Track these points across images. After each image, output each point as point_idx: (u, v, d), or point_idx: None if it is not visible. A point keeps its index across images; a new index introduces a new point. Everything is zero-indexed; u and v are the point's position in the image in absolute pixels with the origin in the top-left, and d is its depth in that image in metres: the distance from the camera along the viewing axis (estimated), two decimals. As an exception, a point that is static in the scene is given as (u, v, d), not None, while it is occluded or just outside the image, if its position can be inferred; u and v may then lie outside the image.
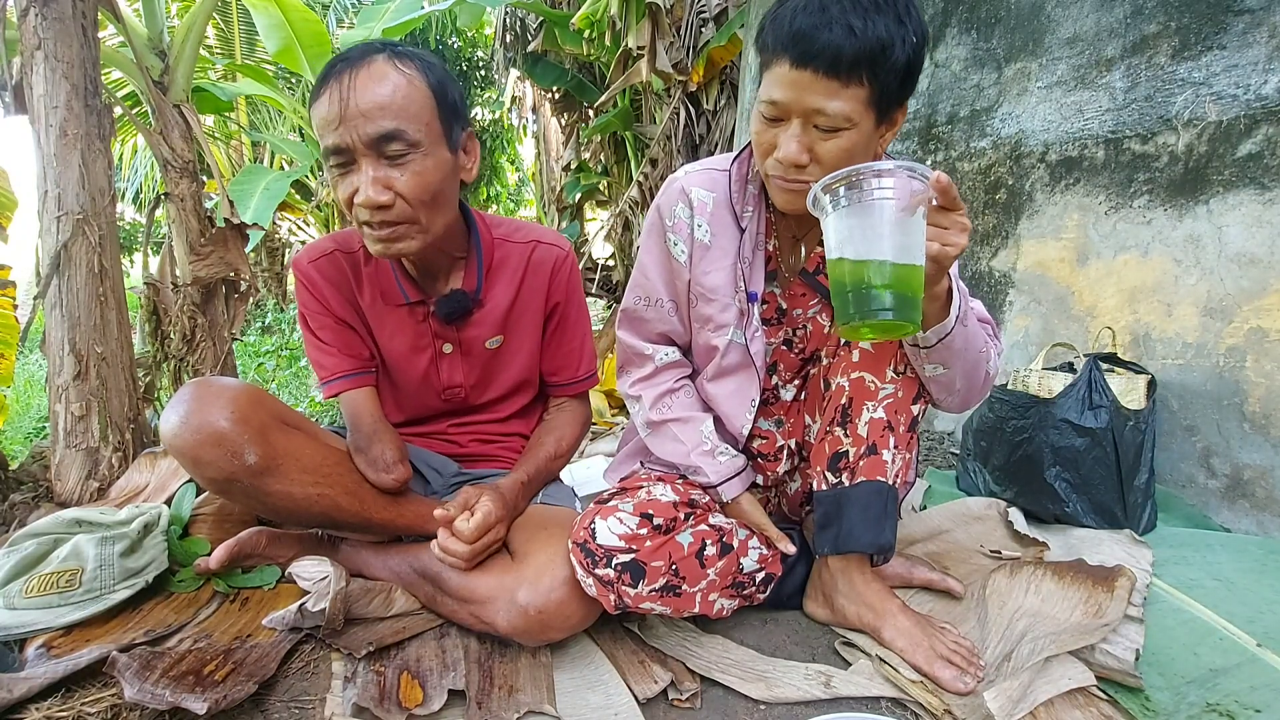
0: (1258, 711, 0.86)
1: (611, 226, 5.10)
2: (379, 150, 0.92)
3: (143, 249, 2.40)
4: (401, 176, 0.94)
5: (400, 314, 1.13)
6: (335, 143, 0.92)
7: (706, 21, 4.04)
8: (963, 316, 0.88)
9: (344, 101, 0.90)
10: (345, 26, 7.20)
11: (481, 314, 1.16)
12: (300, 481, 0.96)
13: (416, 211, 0.97)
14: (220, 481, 0.92)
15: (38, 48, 1.40)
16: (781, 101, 0.87)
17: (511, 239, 1.18)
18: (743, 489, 1.08)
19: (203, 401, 0.91)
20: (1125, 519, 1.39)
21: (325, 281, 1.11)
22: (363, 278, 1.12)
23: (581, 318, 1.26)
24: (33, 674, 0.85)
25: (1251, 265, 1.45)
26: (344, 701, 0.86)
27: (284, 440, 0.95)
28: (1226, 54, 1.49)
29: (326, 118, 0.92)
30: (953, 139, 2.14)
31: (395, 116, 0.92)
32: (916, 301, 0.76)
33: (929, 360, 0.93)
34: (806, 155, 0.88)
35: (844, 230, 0.76)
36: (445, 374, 1.18)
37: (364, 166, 0.93)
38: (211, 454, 0.90)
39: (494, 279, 1.16)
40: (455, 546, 0.97)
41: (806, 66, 0.83)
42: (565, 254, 1.20)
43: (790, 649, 1.04)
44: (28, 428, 2.75)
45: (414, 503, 1.08)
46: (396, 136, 0.92)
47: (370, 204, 0.92)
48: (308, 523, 1.04)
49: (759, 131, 0.92)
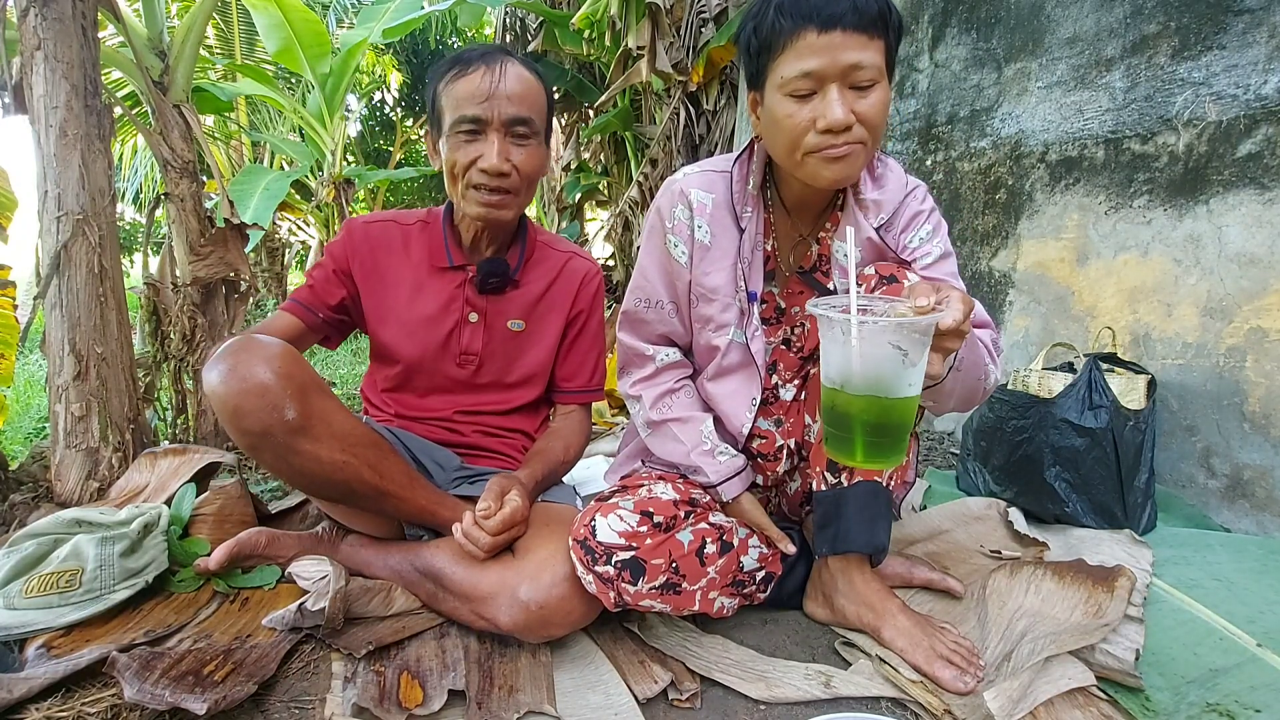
0: (1258, 711, 0.86)
1: (611, 226, 5.10)
2: (509, 129, 1.11)
3: (143, 249, 2.40)
4: (521, 153, 1.13)
5: (439, 278, 1.24)
6: (476, 113, 1.08)
7: (706, 21, 4.04)
8: (958, 363, 0.87)
9: (495, 83, 1.08)
10: (345, 26, 7.20)
11: (513, 294, 1.27)
12: (329, 445, 0.97)
13: (522, 184, 1.15)
14: (256, 434, 0.93)
15: (38, 48, 1.40)
16: (816, 68, 0.87)
17: (552, 246, 1.33)
18: (743, 489, 1.08)
19: (249, 354, 0.93)
20: (1125, 519, 1.39)
21: (368, 242, 1.24)
22: (411, 244, 1.26)
23: (600, 334, 1.36)
24: (33, 674, 0.85)
25: (1251, 265, 1.45)
26: (344, 701, 0.86)
27: (320, 402, 0.97)
28: (1226, 54, 1.49)
29: (474, 93, 1.08)
30: (953, 139, 2.14)
31: (530, 107, 1.12)
32: (905, 434, 0.76)
33: (921, 400, 0.93)
34: (852, 115, 0.88)
35: (845, 362, 0.73)
36: (466, 339, 1.25)
37: (493, 138, 1.10)
38: (253, 404, 0.91)
39: (531, 269, 1.29)
40: (479, 535, 0.98)
41: (835, 27, 0.85)
42: (596, 271, 1.34)
43: (790, 649, 1.04)
44: (28, 428, 2.75)
45: (427, 489, 1.09)
46: (526, 122, 1.11)
47: (495, 169, 1.10)
48: (327, 492, 1.04)
49: (790, 114, 0.91)
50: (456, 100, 1.09)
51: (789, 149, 0.93)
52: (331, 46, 4.86)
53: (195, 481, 1.33)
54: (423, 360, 1.24)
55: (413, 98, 8.56)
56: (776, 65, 0.91)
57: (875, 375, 0.72)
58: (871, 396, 0.72)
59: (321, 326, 1.25)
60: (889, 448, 0.75)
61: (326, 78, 4.94)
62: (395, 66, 8.88)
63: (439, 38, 7.89)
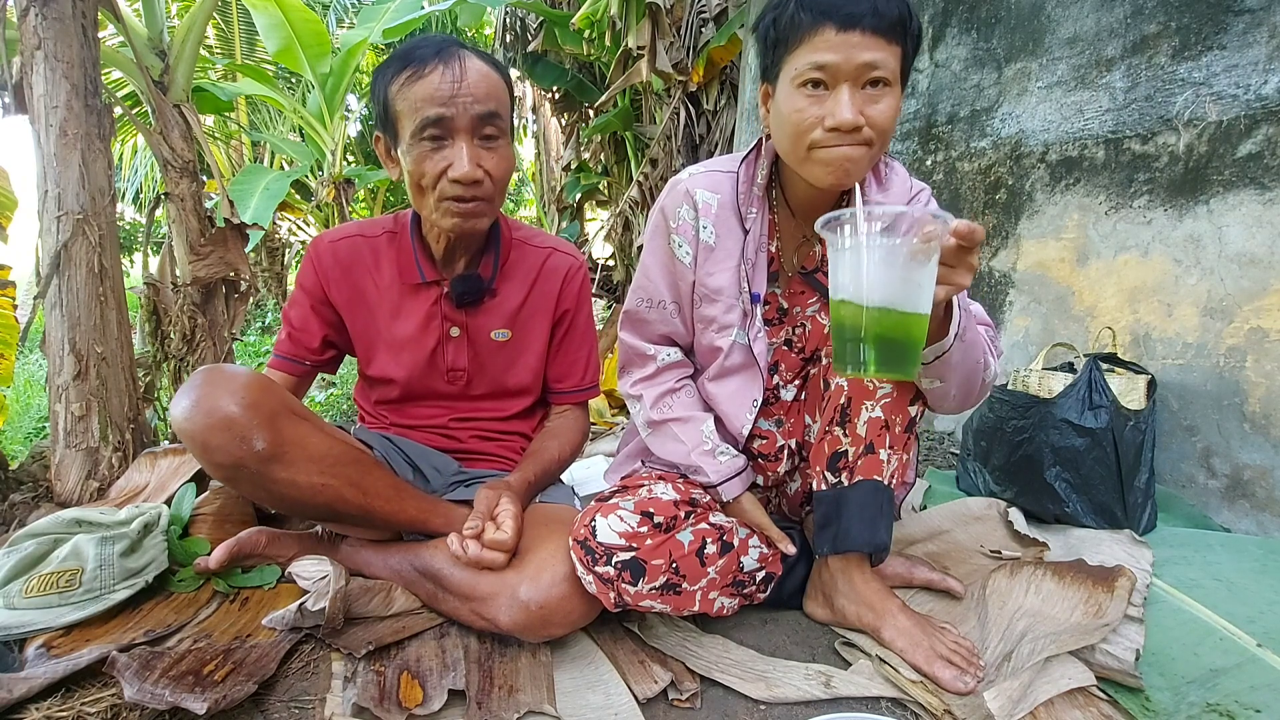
0: (1258, 711, 0.86)
1: (611, 226, 5.10)
2: (477, 130, 1.02)
3: (143, 249, 2.40)
4: (491, 157, 1.04)
5: (414, 295, 1.19)
6: (440, 113, 0.99)
7: (706, 21, 4.04)
8: (962, 332, 0.88)
9: (457, 81, 0.99)
10: (345, 26, 7.21)
11: (492, 304, 1.21)
12: (306, 470, 0.96)
13: (495, 190, 1.07)
14: (228, 467, 0.92)
15: (38, 48, 1.40)
16: (830, 64, 0.87)
17: (529, 243, 1.25)
18: (743, 489, 1.08)
19: (214, 386, 0.92)
20: (1125, 519, 1.39)
21: (339, 265, 1.18)
22: (381, 260, 1.19)
23: (589, 329, 1.31)
24: (33, 674, 0.85)
25: (1251, 265, 1.45)
26: (344, 701, 0.86)
27: (292, 428, 0.96)
28: (1226, 54, 1.49)
29: (434, 94, 0.99)
30: (953, 139, 2.14)
31: (496, 101, 1.03)
32: (916, 351, 0.74)
33: (925, 375, 0.93)
34: (861, 117, 0.88)
35: (849, 270, 0.73)
36: (450, 356, 1.21)
37: (460, 144, 1.01)
38: (221, 439, 0.90)
39: (508, 275, 1.22)
40: (492, 557, 0.96)
41: (854, 27, 0.85)
42: (579, 265, 1.27)
43: (790, 649, 1.04)
44: (28, 428, 2.75)
45: (416, 498, 1.08)
46: (494, 121, 1.03)
47: (468, 178, 1.01)
48: (311, 514, 1.04)
49: (800, 109, 0.90)
50: (415, 104, 1.00)
51: (794, 143, 0.93)
52: (331, 46, 4.86)
53: (195, 481, 1.33)
54: (411, 380, 1.22)
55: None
56: (791, 58, 0.91)
57: (885, 281, 0.71)
58: (883, 307, 0.71)
59: (311, 372, 1.24)
60: (900, 360, 0.73)
61: (326, 78, 4.94)
62: (395, 66, 8.87)
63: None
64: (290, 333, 1.21)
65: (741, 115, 3.10)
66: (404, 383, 1.22)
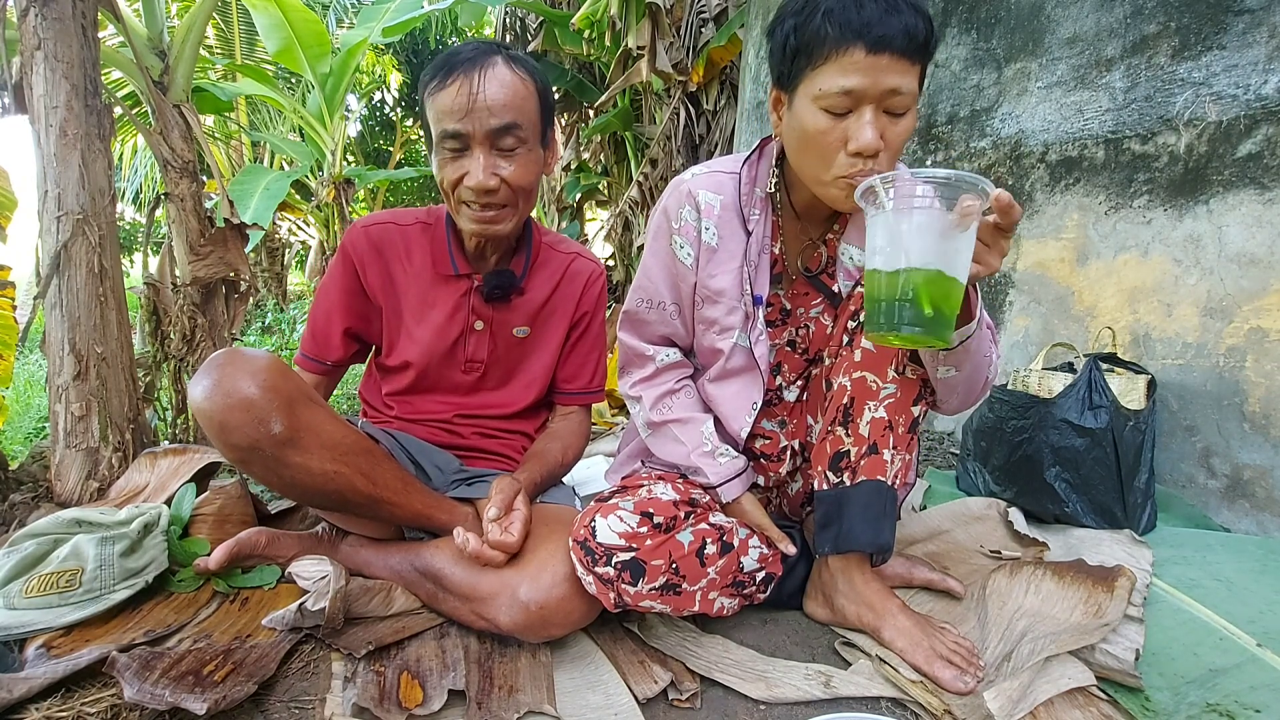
0: (1258, 711, 0.86)
1: (611, 227, 5.10)
2: (494, 142, 1.05)
3: (143, 249, 2.41)
4: (509, 166, 1.07)
5: (444, 285, 1.23)
6: (457, 129, 1.03)
7: (706, 21, 4.04)
8: (983, 318, 0.88)
9: (473, 95, 1.02)
10: (345, 26, 7.21)
11: (518, 301, 1.25)
12: (319, 456, 0.96)
13: (516, 197, 1.10)
14: (244, 449, 0.92)
15: (38, 48, 1.40)
16: (857, 88, 0.85)
17: (556, 247, 1.31)
18: (743, 490, 1.08)
19: (234, 368, 0.92)
20: (1125, 519, 1.39)
21: (370, 248, 1.21)
22: (412, 248, 1.23)
23: (602, 334, 1.36)
24: (32, 674, 0.85)
25: (1251, 265, 1.45)
26: (344, 701, 0.86)
27: (308, 413, 0.96)
28: (1226, 54, 1.49)
29: (452, 107, 1.03)
30: (953, 139, 2.14)
31: (514, 114, 1.05)
32: (951, 317, 0.74)
33: (944, 362, 0.93)
34: (881, 141, 0.87)
35: (891, 233, 0.73)
36: (471, 348, 1.25)
37: (477, 154, 1.05)
38: (239, 419, 0.90)
39: (535, 275, 1.27)
40: (492, 554, 0.98)
41: (885, 50, 0.83)
42: (600, 271, 1.33)
43: (790, 649, 1.04)
44: (28, 428, 2.75)
45: (423, 493, 1.09)
46: (512, 132, 1.05)
47: (481, 187, 1.05)
48: (320, 502, 1.04)
49: (822, 130, 0.89)
50: (437, 114, 1.05)
51: (816, 165, 0.92)
52: (331, 46, 4.87)
53: (195, 481, 1.33)
54: (429, 367, 1.25)
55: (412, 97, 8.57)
56: (816, 75, 0.88)
57: (925, 243, 0.72)
58: (922, 268, 0.72)
59: (334, 370, 1.28)
60: (935, 324, 0.73)
61: (326, 78, 4.94)
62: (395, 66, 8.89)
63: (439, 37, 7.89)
64: (314, 333, 1.25)
65: (741, 115, 3.10)
66: (421, 369, 1.24)
